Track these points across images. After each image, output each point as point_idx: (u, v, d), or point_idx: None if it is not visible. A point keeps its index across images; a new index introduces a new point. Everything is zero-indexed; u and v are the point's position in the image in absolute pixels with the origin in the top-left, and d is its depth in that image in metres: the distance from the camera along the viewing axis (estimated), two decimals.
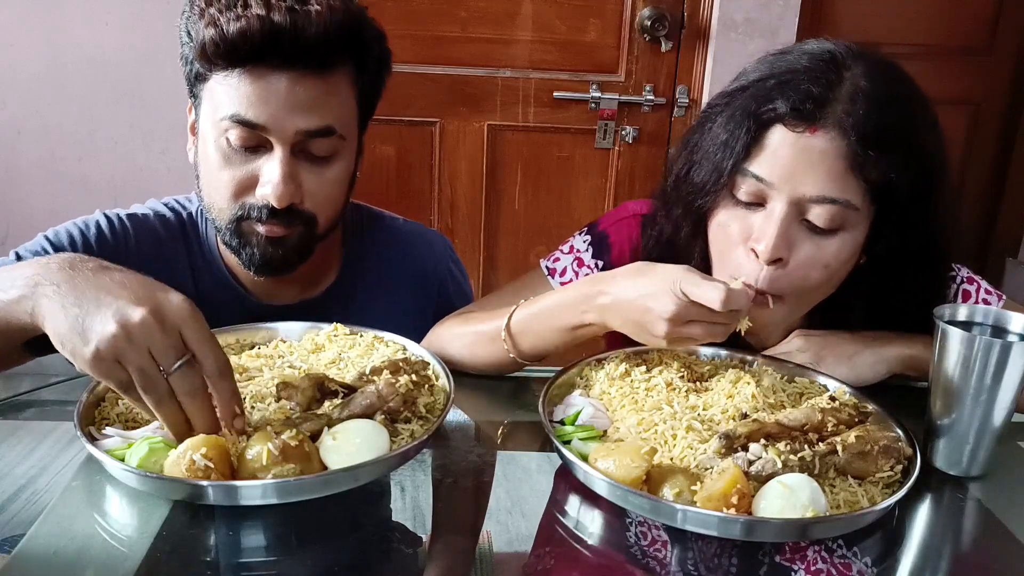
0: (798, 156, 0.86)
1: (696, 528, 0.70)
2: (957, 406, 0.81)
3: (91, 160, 2.23)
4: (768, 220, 0.89)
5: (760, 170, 0.88)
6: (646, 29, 2.25)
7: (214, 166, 0.98)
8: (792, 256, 0.89)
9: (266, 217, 0.97)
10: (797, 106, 0.86)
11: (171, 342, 0.70)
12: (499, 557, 0.70)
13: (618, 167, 2.38)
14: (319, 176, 0.99)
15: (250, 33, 0.91)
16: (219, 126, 0.96)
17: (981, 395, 0.80)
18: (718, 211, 0.95)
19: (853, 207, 0.88)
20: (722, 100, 0.96)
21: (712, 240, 0.97)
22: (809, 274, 0.90)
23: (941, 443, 0.84)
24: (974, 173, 2.65)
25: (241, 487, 0.69)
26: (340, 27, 0.94)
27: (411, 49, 2.26)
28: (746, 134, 0.89)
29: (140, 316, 0.69)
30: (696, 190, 0.95)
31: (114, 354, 0.69)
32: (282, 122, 0.94)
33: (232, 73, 0.94)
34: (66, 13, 2.12)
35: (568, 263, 1.15)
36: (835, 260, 0.90)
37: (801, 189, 0.87)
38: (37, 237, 1.06)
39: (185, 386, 0.71)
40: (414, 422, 0.80)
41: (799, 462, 0.74)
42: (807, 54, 0.91)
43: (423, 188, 2.41)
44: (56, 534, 0.68)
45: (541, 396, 0.85)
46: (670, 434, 0.79)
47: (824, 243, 0.89)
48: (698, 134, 0.98)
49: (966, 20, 2.47)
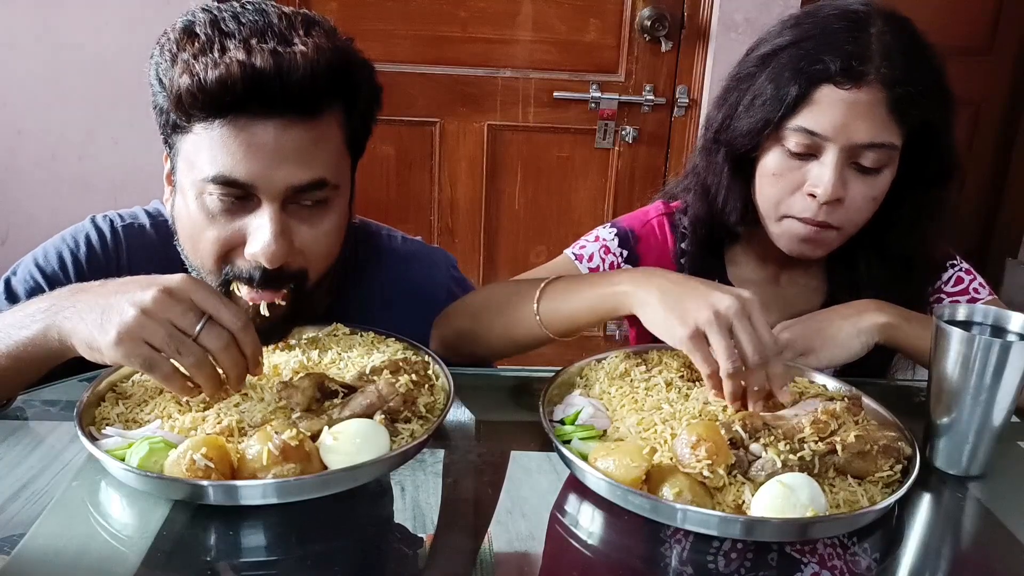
0: (848, 110, 0.96)
1: (696, 528, 0.70)
2: (957, 406, 0.81)
3: (91, 160, 2.24)
4: (824, 168, 0.99)
5: (813, 124, 0.98)
6: (646, 29, 2.25)
7: (197, 226, 0.90)
8: (847, 195, 1.00)
9: (258, 279, 0.89)
10: (844, 66, 0.95)
11: (187, 307, 0.75)
12: (499, 557, 0.70)
13: (618, 167, 2.38)
14: (311, 230, 0.91)
15: (231, 81, 0.82)
16: (201, 185, 0.88)
17: (981, 395, 0.80)
18: (766, 161, 1.03)
19: (895, 147, 0.99)
20: (761, 62, 1.03)
21: (762, 187, 1.06)
22: (862, 207, 1.02)
23: (941, 443, 0.84)
24: (974, 173, 2.65)
25: (241, 487, 0.69)
26: (328, 68, 0.86)
27: (411, 49, 2.27)
28: (796, 90, 0.98)
29: (152, 295, 0.75)
30: (742, 137, 1.04)
31: (135, 334, 0.74)
32: (270, 178, 0.86)
33: (212, 125, 0.85)
34: (66, 13, 2.12)
35: (595, 249, 1.19)
36: (881, 193, 1.02)
37: (854, 138, 0.97)
38: (26, 260, 1.03)
39: (216, 342, 0.76)
40: (414, 422, 0.80)
41: (799, 462, 0.74)
42: (835, 14, 1.01)
43: (423, 188, 2.41)
44: (56, 534, 0.68)
45: (541, 396, 0.85)
46: (670, 434, 0.79)
47: (873, 181, 1.01)
48: (736, 93, 1.06)
49: (966, 20, 2.47)
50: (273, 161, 0.86)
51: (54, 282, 1.00)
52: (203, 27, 0.87)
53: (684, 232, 1.18)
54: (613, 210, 2.40)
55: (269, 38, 0.85)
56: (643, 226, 1.21)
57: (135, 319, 0.74)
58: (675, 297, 0.84)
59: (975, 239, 2.71)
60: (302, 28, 0.88)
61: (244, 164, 0.85)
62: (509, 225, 2.46)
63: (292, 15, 0.90)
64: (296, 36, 0.86)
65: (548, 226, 2.44)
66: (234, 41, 0.85)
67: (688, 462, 0.72)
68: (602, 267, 1.18)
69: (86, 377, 0.91)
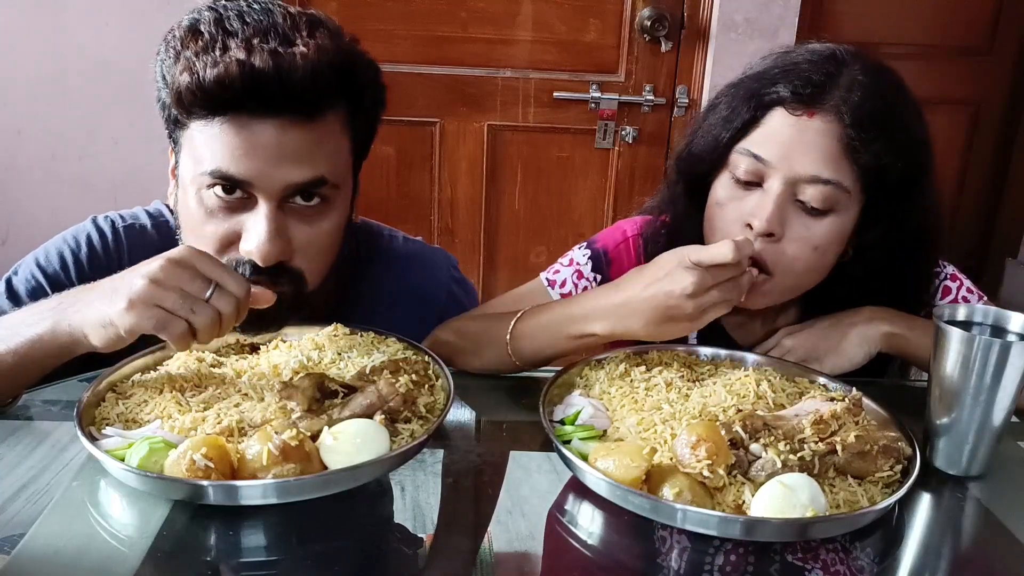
0: (795, 137, 0.92)
1: (696, 528, 0.70)
2: (956, 406, 0.81)
3: (91, 160, 2.24)
4: (764, 197, 0.94)
5: (758, 149, 0.94)
6: (646, 29, 2.25)
7: (196, 220, 0.91)
8: (785, 232, 0.94)
9: (249, 274, 0.89)
10: (798, 91, 0.92)
11: (194, 274, 0.79)
12: (499, 557, 0.70)
13: (618, 167, 2.38)
14: (310, 229, 0.91)
15: (229, 81, 0.82)
16: (200, 179, 0.88)
17: (981, 395, 0.80)
18: (715, 190, 1.00)
19: (844, 189, 0.93)
20: (728, 91, 1.02)
21: (709, 218, 1.01)
22: (799, 253, 0.95)
23: (941, 443, 0.84)
24: (974, 173, 2.65)
25: (241, 487, 0.69)
26: (330, 69, 0.86)
27: (411, 49, 2.27)
28: (747, 112, 0.95)
29: (159, 264, 0.78)
30: (695, 162, 1.02)
31: (147, 300, 0.77)
32: (268, 176, 0.87)
33: (212, 122, 0.86)
34: (67, 13, 2.12)
35: (568, 275, 1.17)
36: (824, 241, 0.95)
37: (797, 168, 0.92)
38: (27, 260, 1.04)
39: (227, 306, 0.79)
40: (414, 422, 0.80)
41: (799, 462, 0.74)
42: (809, 50, 0.98)
43: (423, 188, 2.41)
44: (56, 534, 0.68)
45: (541, 396, 0.85)
46: (670, 434, 0.79)
47: (815, 224, 0.94)
48: (704, 120, 1.04)
49: (966, 20, 2.47)
50: (271, 160, 0.86)
51: (55, 282, 1.01)
52: (207, 25, 0.87)
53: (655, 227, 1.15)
54: (613, 210, 2.40)
55: (271, 38, 0.86)
56: (616, 247, 1.17)
57: (146, 287, 0.77)
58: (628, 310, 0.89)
59: (975, 239, 2.71)
60: (306, 28, 0.88)
61: (242, 161, 0.86)
62: (509, 225, 2.46)
63: (297, 15, 0.90)
64: (299, 36, 0.87)
65: (548, 226, 2.44)
66: (236, 40, 0.85)
67: (688, 462, 0.72)
68: (574, 292, 1.14)
69: (86, 377, 0.92)
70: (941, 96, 2.50)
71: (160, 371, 0.88)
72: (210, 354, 0.91)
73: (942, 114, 2.63)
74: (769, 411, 0.84)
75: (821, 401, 0.85)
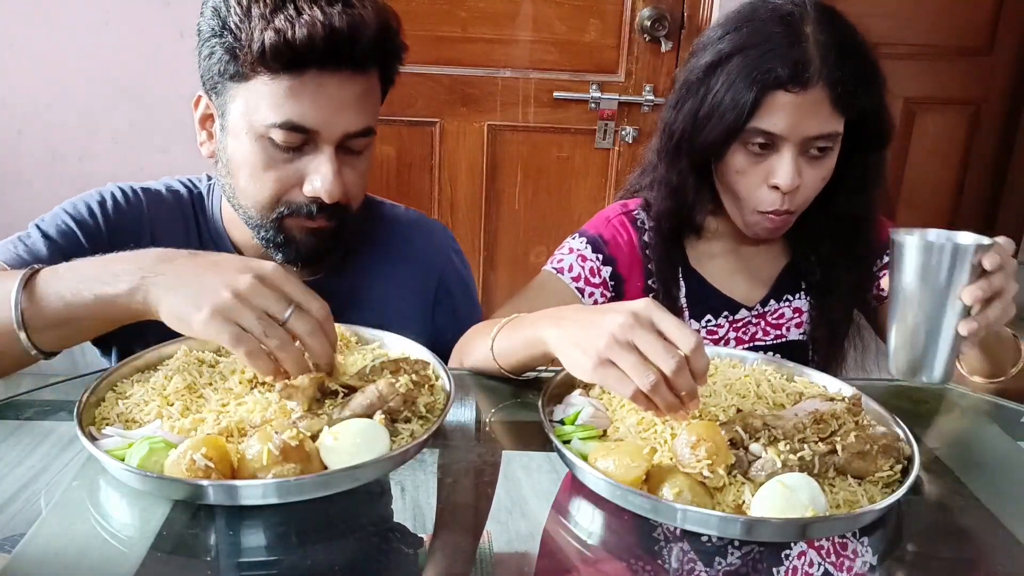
0: (798, 111, 1.08)
1: (696, 528, 0.70)
2: (914, 312, 0.85)
3: (91, 160, 2.24)
4: (781, 160, 1.10)
5: (770, 126, 1.08)
6: (646, 29, 2.25)
7: (256, 166, 0.98)
8: (803, 181, 1.12)
9: (316, 213, 0.99)
10: (793, 73, 1.06)
11: (279, 296, 0.80)
12: (499, 557, 0.70)
13: (618, 167, 2.38)
14: (355, 170, 1.02)
15: (316, 39, 0.91)
16: (264, 129, 0.96)
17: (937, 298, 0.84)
18: (731, 162, 1.13)
19: (839, 133, 1.12)
20: (705, 69, 1.12)
21: (730, 184, 1.16)
22: (812, 188, 1.14)
23: (902, 354, 0.87)
24: (974, 173, 2.66)
25: (241, 487, 0.69)
26: (381, 28, 0.97)
27: (411, 49, 2.25)
28: (753, 97, 1.08)
29: (247, 281, 0.79)
30: (709, 146, 1.13)
31: (228, 315, 0.78)
32: (332, 125, 0.96)
33: (280, 76, 0.93)
34: (66, 13, 2.12)
35: (572, 260, 1.23)
36: (827, 172, 1.15)
37: (806, 133, 1.09)
38: (56, 210, 1.09)
39: (305, 327, 0.81)
40: (414, 422, 0.80)
41: (799, 462, 0.74)
42: (769, 19, 1.10)
43: (423, 188, 2.41)
44: (56, 534, 0.68)
45: (541, 396, 0.86)
46: (670, 434, 0.79)
47: (821, 164, 1.13)
48: (691, 101, 1.14)
49: (966, 20, 2.47)
50: (335, 109, 0.96)
51: (83, 226, 1.07)
52: None
53: (642, 226, 1.25)
54: None
55: None
56: (607, 228, 1.26)
57: (229, 301, 0.78)
58: (573, 335, 0.82)
59: None
60: None
61: (311, 112, 0.95)
62: (509, 225, 2.46)
63: None
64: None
65: (548, 226, 2.44)
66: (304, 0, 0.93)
67: (688, 462, 0.72)
68: (583, 274, 1.22)
69: (86, 377, 0.92)
70: (941, 96, 2.51)
71: (160, 371, 0.88)
72: (210, 354, 0.91)
73: (942, 114, 2.64)
74: (769, 411, 0.84)
75: (821, 401, 0.85)
